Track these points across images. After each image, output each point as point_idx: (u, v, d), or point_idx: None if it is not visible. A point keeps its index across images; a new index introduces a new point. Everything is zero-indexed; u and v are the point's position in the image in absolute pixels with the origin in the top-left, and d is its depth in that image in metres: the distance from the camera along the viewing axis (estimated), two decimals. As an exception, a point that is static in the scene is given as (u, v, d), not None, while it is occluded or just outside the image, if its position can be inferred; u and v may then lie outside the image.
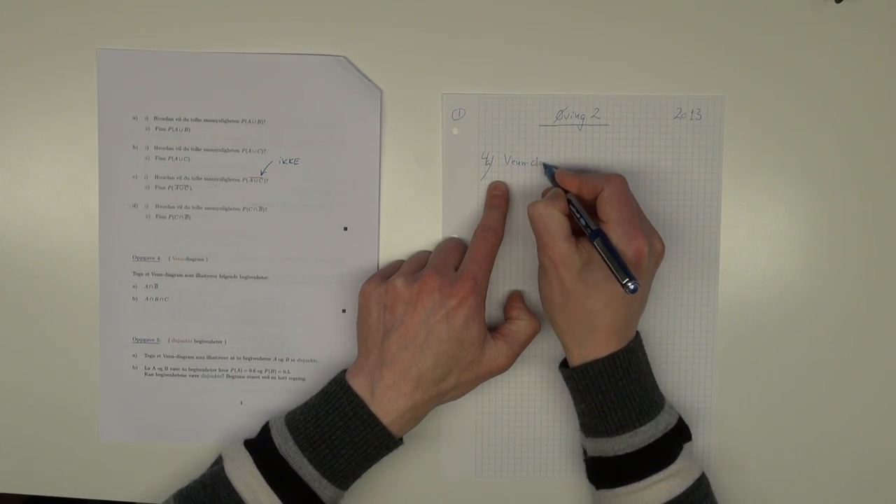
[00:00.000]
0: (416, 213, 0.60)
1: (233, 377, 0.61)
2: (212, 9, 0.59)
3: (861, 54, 0.59)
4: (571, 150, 0.60)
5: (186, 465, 0.62)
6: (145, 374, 0.61)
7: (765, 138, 0.60)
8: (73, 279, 0.61)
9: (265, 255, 0.60)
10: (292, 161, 0.60)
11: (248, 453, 0.54)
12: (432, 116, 0.60)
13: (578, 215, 0.54)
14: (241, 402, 0.61)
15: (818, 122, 0.59)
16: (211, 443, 0.61)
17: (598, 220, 0.54)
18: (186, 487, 0.55)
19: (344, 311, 0.61)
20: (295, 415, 0.55)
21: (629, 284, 0.50)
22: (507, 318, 0.58)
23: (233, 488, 0.53)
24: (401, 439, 0.55)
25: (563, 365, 0.58)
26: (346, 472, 0.54)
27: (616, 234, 0.53)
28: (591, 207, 0.55)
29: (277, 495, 0.52)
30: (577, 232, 0.55)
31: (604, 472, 0.56)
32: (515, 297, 0.59)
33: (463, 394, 0.56)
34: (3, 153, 0.60)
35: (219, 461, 0.55)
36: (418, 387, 0.53)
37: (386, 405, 0.53)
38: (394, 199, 0.60)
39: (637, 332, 0.57)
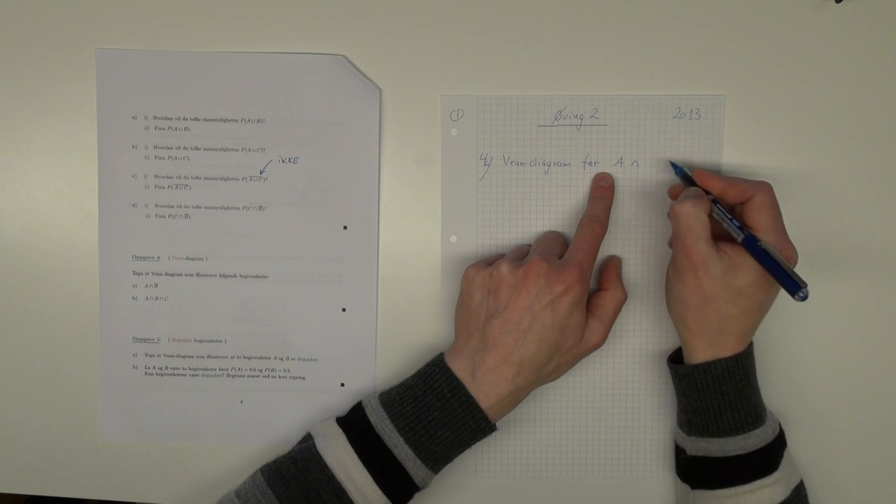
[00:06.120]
0: (416, 213, 0.60)
1: (233, 377, 0.61)
2: (211, 9, 0.59)
3: (861, 54, 0.59)
4: (570, 151, 0.60)
5: (186, 465, 0.62)
6: (145, 373, 0.61)
7: (764, 138, 0.60)
8: (73, 279, 0.61)
9: (265, 255, 0.60)
10: (292, 160, 0.60)
11: (340, 430, 0.54)
12: (431, 116, 0.60)
13: (728, 217, 0.53)
14: (241, 402, 0.61)
15: (818, 121, 0.59)
16: (211, 443, 0.62)
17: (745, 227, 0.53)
18: (274, 462, 0.55)
19: (344, 309, 0.61)
20: (390, 395, 0.55)
21: (801, 293, 0.49)
22: (599, 287, 0.58)
23: (325, 464, 0.53)
24: (495, 425, 0.54)
25: (676, 361, 0.57)
26: (439, 455, 0.54)
27: (769, 243, 0.52)
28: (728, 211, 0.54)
29: (370, 473, 0.52)
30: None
31: (705, 472, 0.56)
32: (613, 264, 0.59)
33: (559, 375, 0.56)
34: (3, 153, 0.60)
35: (307, 438, 0.55)
36: (520, 372, 0.53)
37: (486, 389, 0.53)
38: (393, 199, 0.60)
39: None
